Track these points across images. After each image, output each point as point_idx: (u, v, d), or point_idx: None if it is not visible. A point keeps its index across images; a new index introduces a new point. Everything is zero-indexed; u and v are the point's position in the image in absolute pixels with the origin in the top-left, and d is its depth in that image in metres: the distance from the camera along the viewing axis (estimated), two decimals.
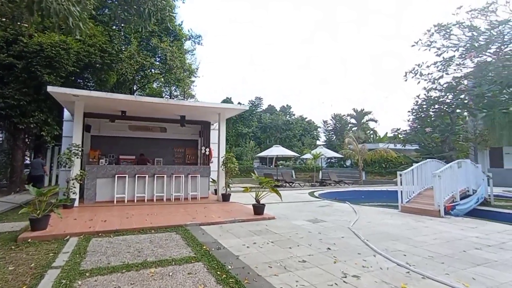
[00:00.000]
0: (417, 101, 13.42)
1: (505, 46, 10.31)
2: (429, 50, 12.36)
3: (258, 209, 7.30)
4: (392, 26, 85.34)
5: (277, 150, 18.40)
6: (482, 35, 10.72)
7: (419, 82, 12.83)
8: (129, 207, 8.39)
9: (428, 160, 10.46)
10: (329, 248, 4.77)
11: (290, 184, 18.01)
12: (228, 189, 10.07)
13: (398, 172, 9.12)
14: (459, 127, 13.52)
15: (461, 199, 9.69)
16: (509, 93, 9.15)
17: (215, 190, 11.70)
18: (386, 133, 30.69)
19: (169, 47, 17.66)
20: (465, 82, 10.64)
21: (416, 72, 12.84)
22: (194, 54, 23.41)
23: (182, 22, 22.15)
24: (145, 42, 19.03)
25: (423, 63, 12.62)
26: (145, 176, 9.53)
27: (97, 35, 13.87)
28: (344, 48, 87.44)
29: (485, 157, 18.64)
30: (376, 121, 31.41)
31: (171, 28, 19.27)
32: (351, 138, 20.77)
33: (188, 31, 21.90)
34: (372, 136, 31.36)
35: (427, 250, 4.87)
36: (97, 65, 13.82)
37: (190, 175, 10.20)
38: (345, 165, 26.51)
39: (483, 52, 10.66)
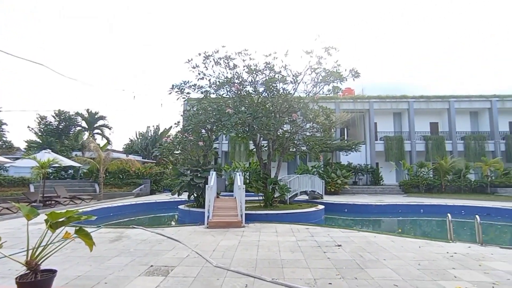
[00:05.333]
0: (183, 116, 13.55)
1: (243, 87, 12.80)
2: (193, 72, 12.76)
3: None
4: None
5: None
6: (231, 72, 12.66)
7: (178, 99, 12.85)
8: None
9: (213, 172, 10.52)
10: None
11: None
12: None
13: (207, 186, 8.33)
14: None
15: None
16: (258, 122, 11.29)
17: None
18: (107, 141, 28.08)
19: None
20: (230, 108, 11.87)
21: (180, 88, 12.70)
22: None
23: None
24: None
25: (188, 81, 12.79)
26: None
27: None
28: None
29: None
30: (110, 128, 27.73)
31: None
32: (93, 143, 16.87)
33: None
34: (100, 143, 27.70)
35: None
36: None
37: None
38: (65, 176, 20.77)
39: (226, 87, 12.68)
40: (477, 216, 6.36)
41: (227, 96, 13.07)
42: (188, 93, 12.81)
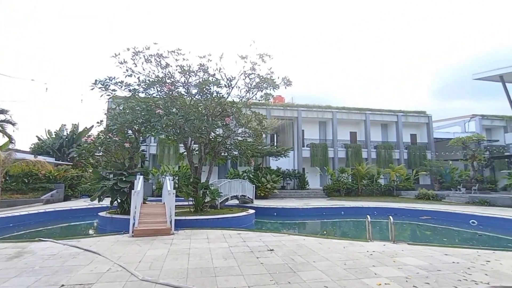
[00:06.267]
0: (107, 115, 12.39)
1: (175, 87, 12.37)
2: (121, 67, 11.76)
3: None
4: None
5: None
6: (162, 72, 12.09)
7: (102, 96, 11.59)
8: None
9: (140, 176, 9.74)
10: None
11: None
12: None
13: (134, 191, 7.64)
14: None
15: None
16: (190, 124, 11.00)
17: None
18: (9, 140, 23.67)
19: None
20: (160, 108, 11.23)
21: (105, 84, 11.52)
22: None
23: None
24: None
25: (114, 77, 11.69)
26: None
27: None
28: None
29: None
30: (14, 124, 22.89)
31: None
32: None
33: None
34: None
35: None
36: None
37: None
38: None
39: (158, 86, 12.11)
40: (390, 217, 7.17)
41: (158, 96, 12.37)
42: (114, 90, 11.67)
